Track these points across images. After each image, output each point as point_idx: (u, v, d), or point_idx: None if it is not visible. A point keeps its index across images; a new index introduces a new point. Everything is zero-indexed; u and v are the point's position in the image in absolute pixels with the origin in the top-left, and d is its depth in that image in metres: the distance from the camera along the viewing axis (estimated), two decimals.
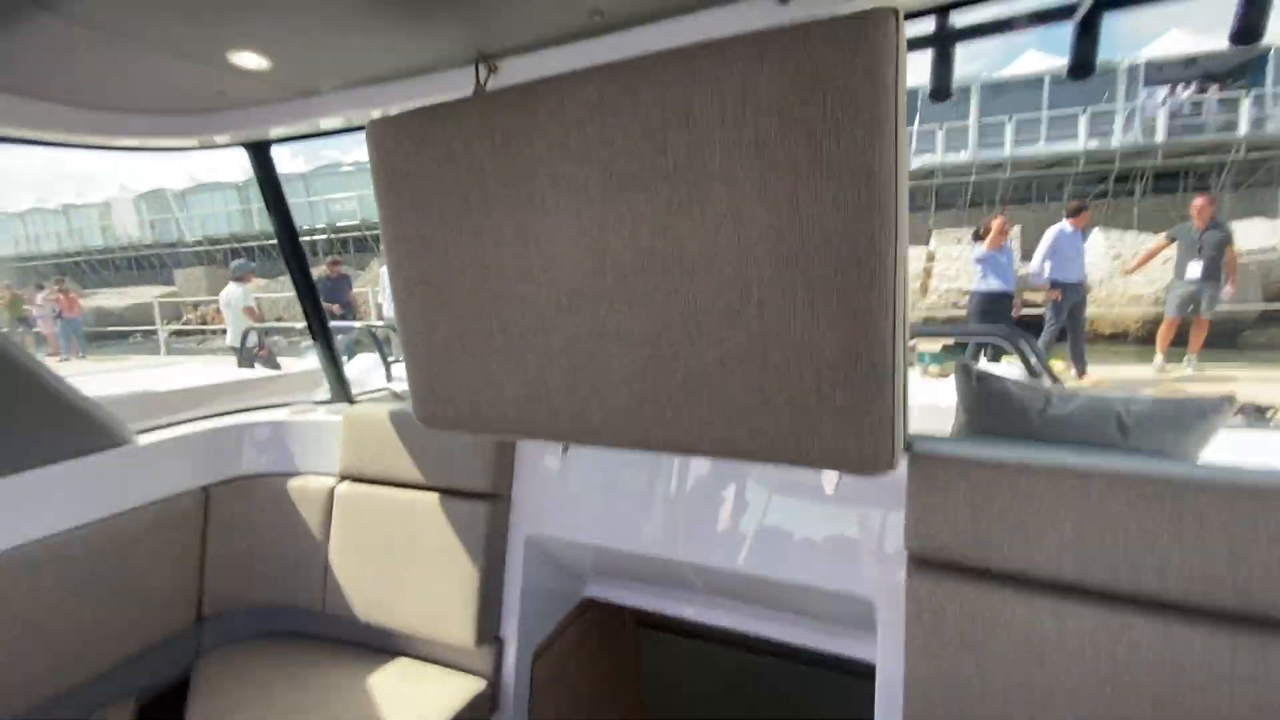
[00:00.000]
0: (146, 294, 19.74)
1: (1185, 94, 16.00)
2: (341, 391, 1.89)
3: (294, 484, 1.68)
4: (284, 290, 16.58)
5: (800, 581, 1.19)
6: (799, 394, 0.75)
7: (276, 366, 5.89)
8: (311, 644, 1.60)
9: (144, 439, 1.54)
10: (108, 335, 16.67)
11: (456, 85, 1.14)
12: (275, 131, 1.37)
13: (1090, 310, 7.30)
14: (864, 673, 1.95)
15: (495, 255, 0.89)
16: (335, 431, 1.68)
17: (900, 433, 0.74)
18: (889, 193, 0.66)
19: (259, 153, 1.52)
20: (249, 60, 1.07)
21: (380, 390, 3.80)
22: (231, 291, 6.73)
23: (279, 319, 16.58)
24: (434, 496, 1.48)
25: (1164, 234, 6.90)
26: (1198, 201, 6.32)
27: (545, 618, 1.56)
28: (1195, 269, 6.22)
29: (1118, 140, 15.74)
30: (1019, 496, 0.94)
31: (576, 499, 1.41)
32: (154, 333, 14.84)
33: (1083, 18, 1.01)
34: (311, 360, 5.31)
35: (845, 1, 0.84)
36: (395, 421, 1.55)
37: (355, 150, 23.57)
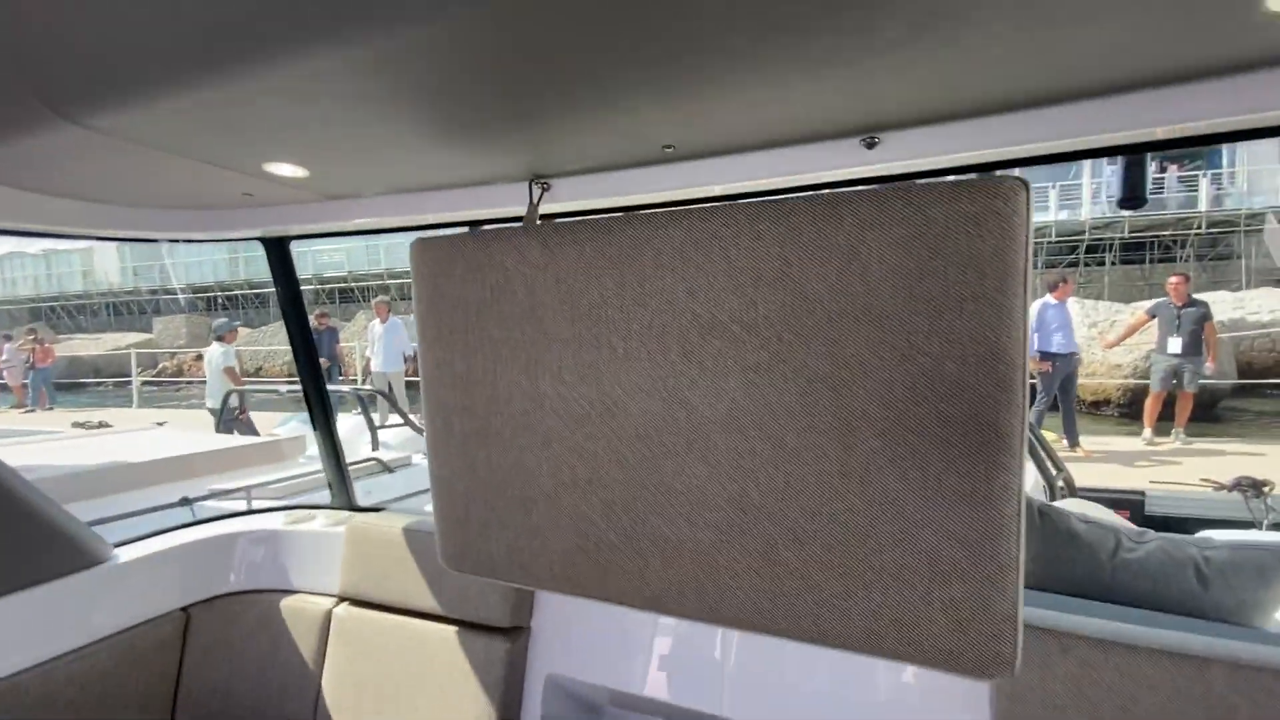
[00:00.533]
0: (122, 341, 19.34)
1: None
2: (345, 497, 1.76)
3: (287, 604, 1.54)
4: (267, 343, 16.33)
5: None
6: (906, 581, 0.67)
7: (255, 432, 5.69)
8: None
9: (122, 555, 1.40)
10: (78, 385, 16.20)
11: (505, 198, 1.09)
12: (303, 229, 1.31)
13: None
14: None
15: (552, 394, 0.82)
16: (336, 545, 1.55)
17: (1021, 629, 0.66)
18: (1015, 370, 0.60)
19: (278, 247, 1.45)
20: (284, 169, 1.02)
21: (367, 460, 3.65)
22: (213, 351, 6.56)
23: (259, 369, 16.27)
24: (447, 629, 1.36)
25: (1144, 310, 7.10)
26: (1173, 279, 6.55)
27: None
28: (1176, 344, 6.38)
29: (1087, 213, 16.44)
30: (1131, 682, 0.85)
31: (604, 637, 1.30)
32: (127, 382, 14.44)
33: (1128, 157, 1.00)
34: (291, 426, 5.13)
35: (935, 150, 0.81)
36: (407, 539, 1.44)
37: None
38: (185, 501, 2.13)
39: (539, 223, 0.86)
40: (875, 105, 0.79)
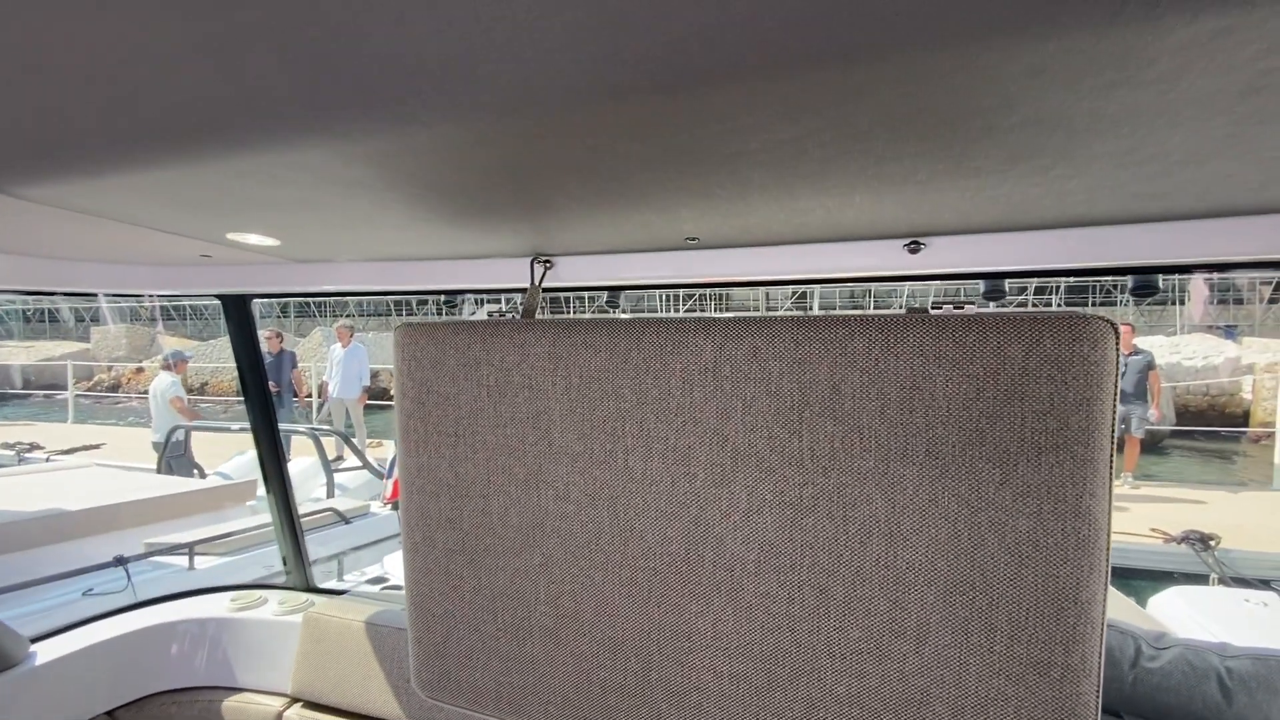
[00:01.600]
0: (55, 350, 18.23)
1: None
2: (301, 575, 1.60)
3: (230, 704, 1.37)
4: (213, 360, 15.60)
5: None
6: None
7: (195, 470, 5.30)
8: None
9: (41, 651, 1.22)
10: (6, 396, 15.17)
11: (501, 273, 1.00)
12: (268, 289, 1.19)
13: None
14: None
15: (554, 512, 0.73)
16: (290, 636, 1.40)
17: None
18: (1101, 533, 0.54)
19: (239, 306, 1.32)
20: (249, 239, 0.91)
21: (324, 511, 3.42)
22: (160, 382, 6.12)
23: (204, 385, 15.50)
24: None
25: None
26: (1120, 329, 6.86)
27: None
28: (1124, 390, 6.67)
29: None
30: None
31: None
32: (61, 395, 13.60)
33: None
34: (237, 464, 4.83)
35: (983, 261, 0.77)
36: (370, 635, 1.30)
37: None
38: (120, 561, 1.93)
39: (545, 314, 0.78)
40: (927, 214, 0.74)
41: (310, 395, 10.66)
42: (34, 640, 1.23)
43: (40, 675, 1.20)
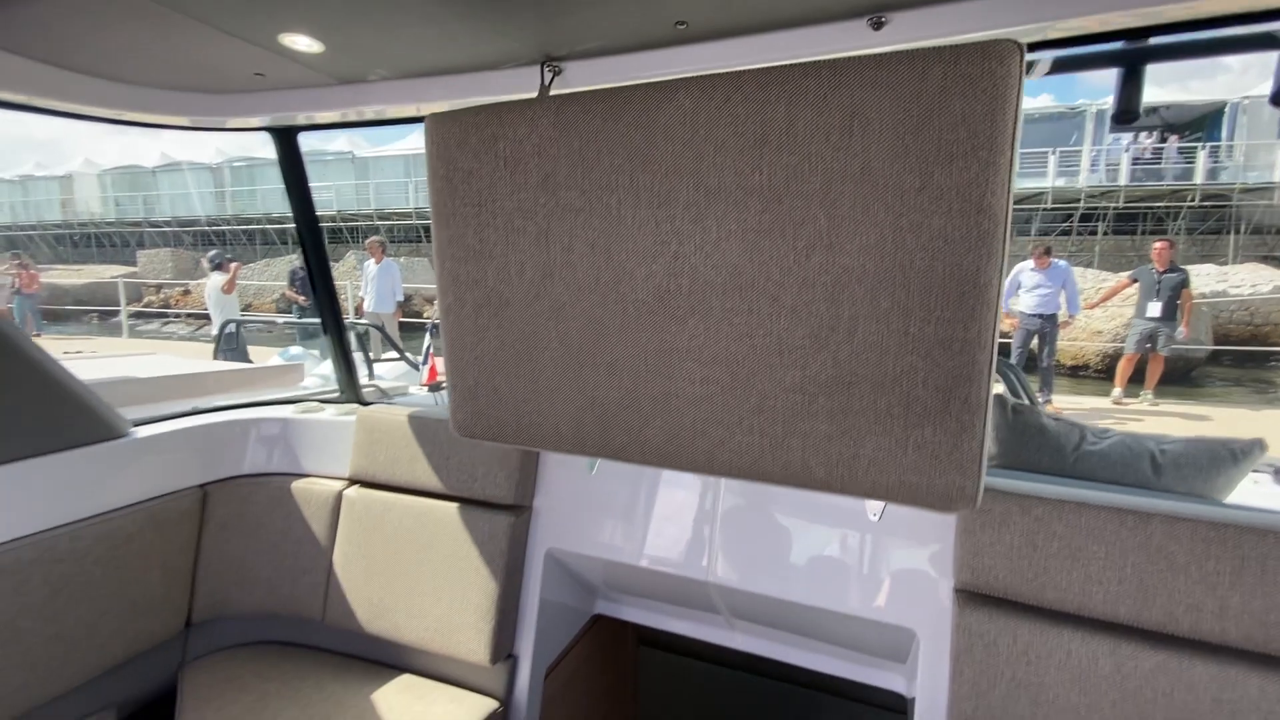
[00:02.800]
0: (104, 273, 18.98)
1: (1148, 141, 16.78)
2: (352, 391, 1.83)
3: (298, 486, 1.62)
4: (255, 278, 16.12)
5: (837, 609, 1.19)
6: (885, 426, 0.75)
7: (247, 359, 5.71)
8: (309, 654, 1.54)
9: (140, 432, 1.47)
10: (63, 314, 15.97)
11: (515, 84, 1.12)
12: (313, 117, 1.32)
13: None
14: (880, 703, 1.96)
15: (562, 263, 0.87)
16: (345, 432, 1.63)
17: (985, 469, 0.74)
18: (999, 226, 0.66)
19: (286, 138, 1.47)
20: (299, 42, 1.03)
21: (366, 388, 3.71)
22: (213, 280, 6.59)
23: (248, 306, 16.10)
24: (452, 506, 1.45)
25: (1127, 274, 7.22)
26: (1157, 245, 6.66)
27: (558, 634, 1.53)
28: (1155, 308, 6.53)
29: (1084, 180, 16.39)
30: (1079, 534, 0.95)
31: (601, 514, 1.39)
32: (114, 314, 14.26)
33: (1126, 67, 1.04)
34: (289, 356, 5.16)
35: (942, 33, 0.85)
36: (414, 425, 1.51)
37: (338, 139, 23.15)
38: (196, 412, 2.19)
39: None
40: None
41: (346, 314, 11.03)
42: (135, 424, 1.47)
43: (142, 447, 1.45)
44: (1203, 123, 17.00)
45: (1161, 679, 0.90)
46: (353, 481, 1.60)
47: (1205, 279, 11.15)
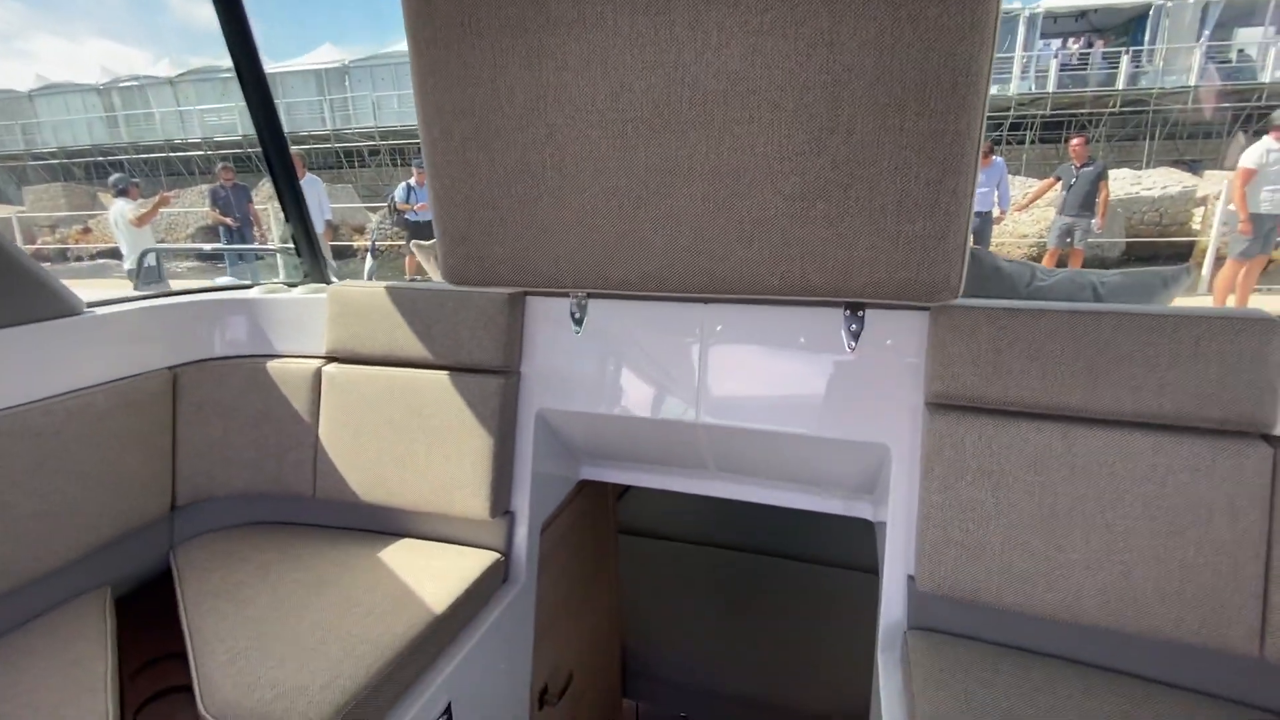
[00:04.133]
0: None
1: (1075, 46, 17.11)
2: (319, 272, 1.77)
3: (273, 366, 1.59)
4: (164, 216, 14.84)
5: (818, 435, 1.28)
6: (879, 225, 0.80)
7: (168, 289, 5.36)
8: (303, 529, 1.56)
9: (99, 311, 1.40)
10: None
11: None
12: None
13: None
14: (846, 562, 2.14)
15: (554, 83, 0.84)
16: (316, 311, 1.59)
17: (967, 259, 0.81)
18: (991, 14, 0.69)
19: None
20: None
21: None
22: (117, 208, 6.01)
23: (160, 241, 14.91)
24: (439, 374, 1.46)
25: (1053, 175, 7.55)
26: (1074, 141, 6.99)
27: (549, 495, 1.60)
28: (1074, 202, 6.89)
29: (1015, 88, 16.69)
30: (1039, 336, 1.06)
31: (589, 373, 1.43)
32: None
33: None
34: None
35: None
36: (392, 298, 1.49)
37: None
38: (155, 295, 2.08)
39: None
40: None
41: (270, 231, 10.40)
42: (90, 305, 1.40)
43: (104, 325, 1.38)
44: (1129, 27, 17.40)
45: (1105, 453, 1.03)
46: (330, 359, 1.58)
47: (1121, 183, 11.73)
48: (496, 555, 1.44)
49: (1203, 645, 0.99)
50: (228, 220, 7.31)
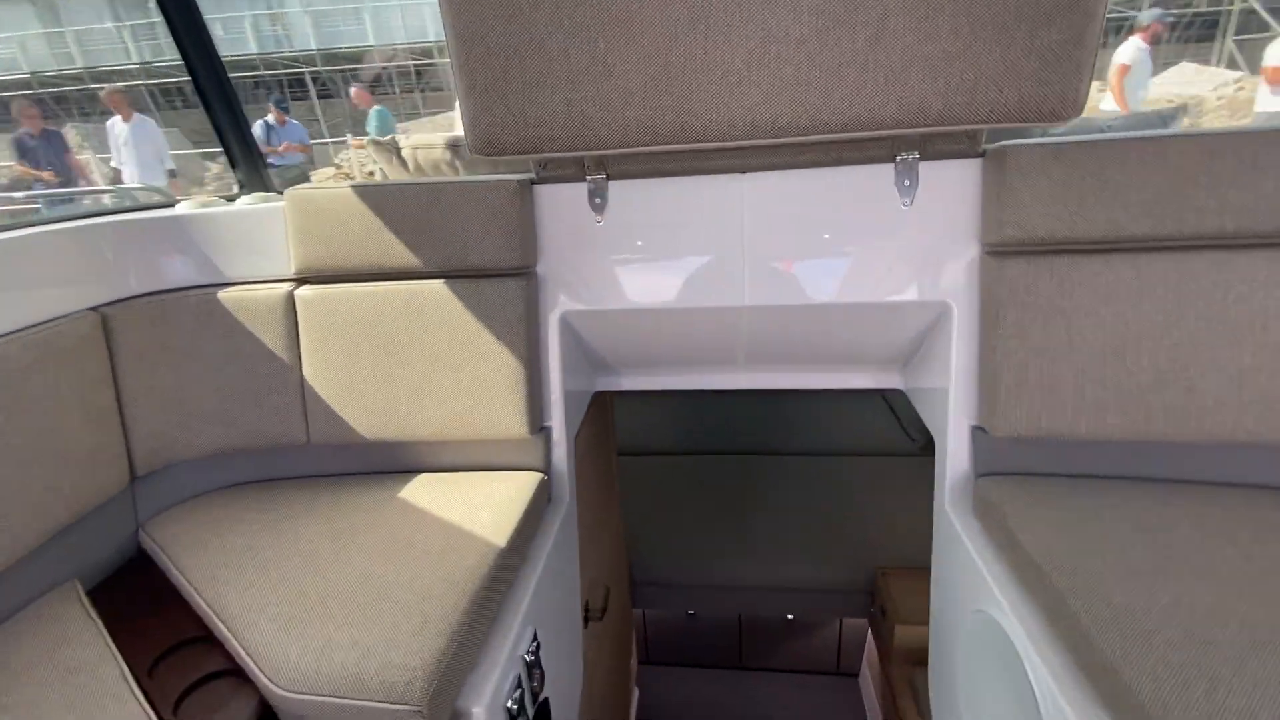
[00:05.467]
0: None
1: None
2: (259, 179, 1.45)
3: (229, 297, 1.30)
4: None
5: (870, 301, 1.24)
6: (1009, 35, 0.72)
7: None
8: (304, 483, 1.35)
9: None
10: None
11: None
12: None
13: None
14: (835, 451, 2.19)
15: None
16: (271, 225, 1.31)
17: (1091, 74, 0.76)
18: None
19: None
20: None
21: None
22: None
23: None
24: (442, 284, 1.26)
25: None
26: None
27: (575, 408, 1.47)
28: None
29: None
30: (1107, 167, 1.05)
31: (612, 266, 1.29)
32: None
33: None
34: None
35: None
36: (368, 200, 1.24)
37: None
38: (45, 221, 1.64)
39: None
40: None
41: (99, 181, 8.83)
42: None
43: None
44: None
45: (1169, 277, 1.07)
46: (301, 280, 1.32)
47: None
48: (540, 475, 1.32)
49: (1258, 442, 1.08)
50: (43, 174, 6.06)
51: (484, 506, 1.20)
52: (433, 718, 0.82)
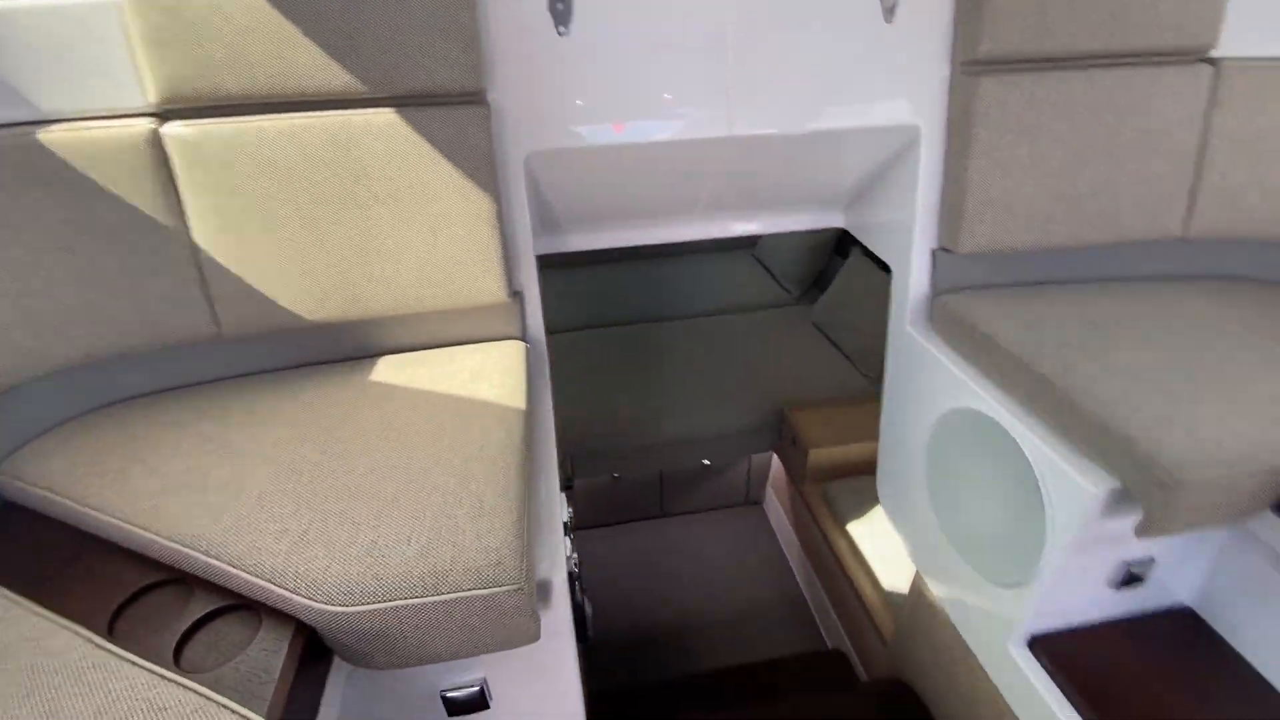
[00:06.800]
0: None
1: None
2: None
3: (55, 140, 0.91)
4: None
5: (845, 126, 1.21)
6: None
7: None
8: (225, 385, 1.07)
9: None
10: None
11: None
12: None
13: None
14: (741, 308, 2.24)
15: None
16: (101, 29, 0.91)
17: None
18: None
19: None
20: None
21: None
22: None
23: None
24: (375, 114, 0.99)
25: None
26: None
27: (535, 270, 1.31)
28: None
29: None
30: None
31: (580, 91, 1.11)
32: None
33: None
34: None
35: None
36: None
37: None
38: None
39: None
40: None
41: None
42: None
43: None
44: None
45: (1116, 90, 1.15)
46: (167, 113, 0.96)
47: None
48: (521, 343, 1.18)
49: (1153, 237, 1.27)
50: None
51: (477, 379, 1.05)
52: (530, 594, 0.74)
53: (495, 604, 0.72)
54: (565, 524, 1.00)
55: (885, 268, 1.43)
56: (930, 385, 1.32)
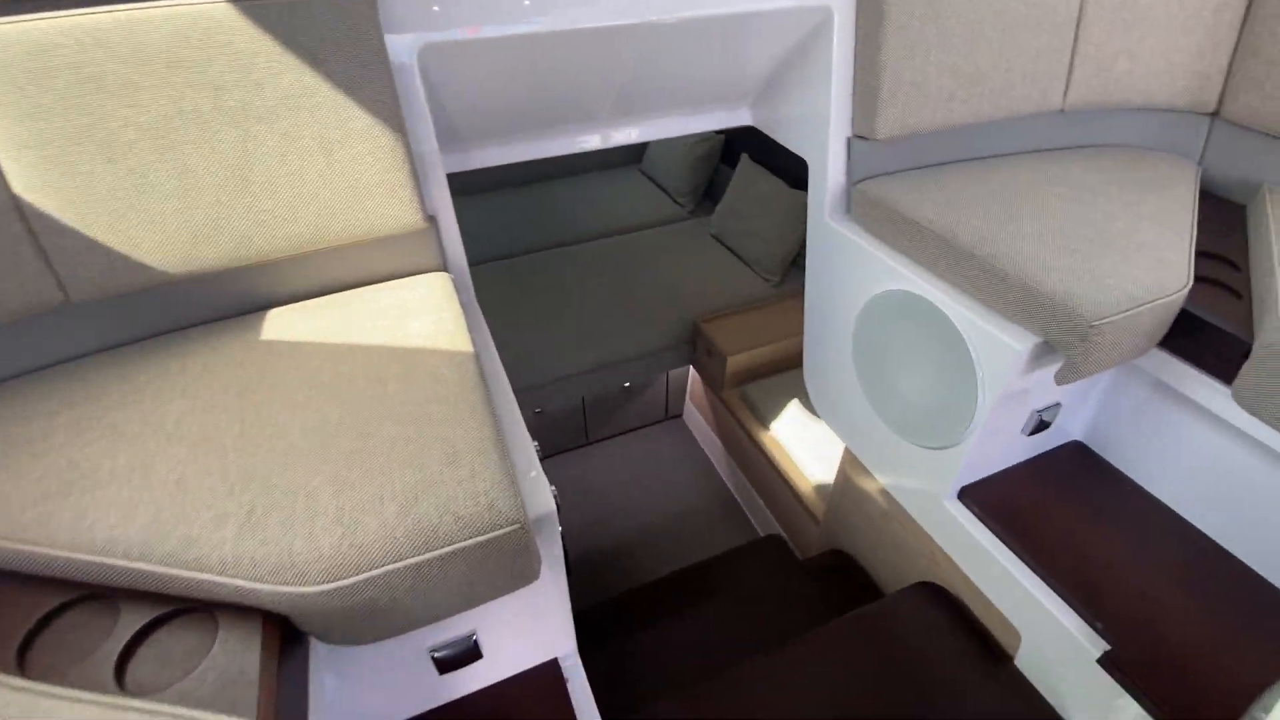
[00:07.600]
0: None
1: None
2: None
3: None
4: None
5: (754, 9, 1.15)
6: None
7: None
8: (90, 360, 0.88)
9: None
10: None
11: None
12: None
13: None
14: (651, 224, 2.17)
15: None
16: None
17: None
18: None
19: None
20: None
21: None
22: None
23: None
24: (227, 4, 0.80)
25: None
26: None
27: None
28: None
29: None
30: None
31: None
32: None
33: None
34: None
35: None
36: None
37: None
38: None
39: None
40: None
41: None
42: None
43: None
44: None
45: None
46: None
47: None
48: (445, 274, 1.07)
49: (1039, 110, 1.35)
50: None
51: (407, 318, 0.94)
52: (529, 530, 0.69)
53: (495, 548, 0.66)
54: (539, 454, 0.94)
55: (777, 171, 1.43)
56: (854, 273, 1.36)
